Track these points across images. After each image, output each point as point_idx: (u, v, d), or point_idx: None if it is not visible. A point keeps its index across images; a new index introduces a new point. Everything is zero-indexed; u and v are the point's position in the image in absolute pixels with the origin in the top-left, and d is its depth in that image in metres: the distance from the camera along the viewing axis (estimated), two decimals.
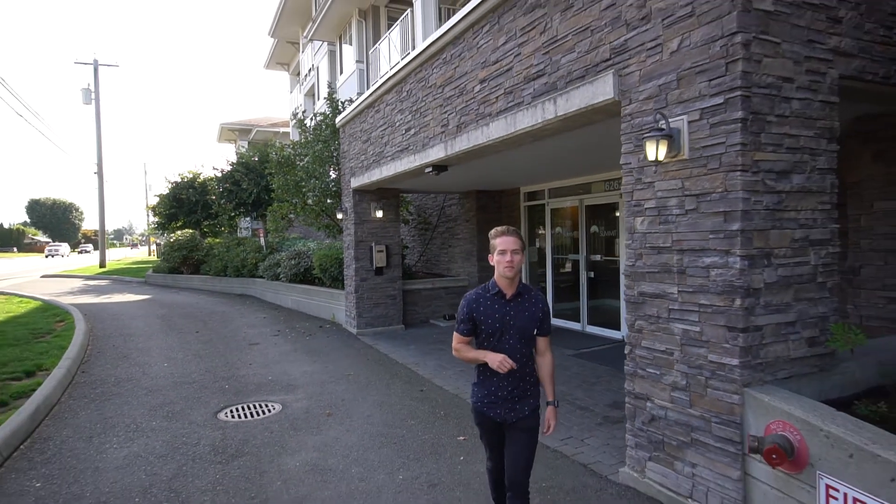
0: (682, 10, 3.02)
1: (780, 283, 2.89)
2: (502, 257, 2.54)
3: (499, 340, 2.58)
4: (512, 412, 2.62)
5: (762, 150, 2.82)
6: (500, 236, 2.59)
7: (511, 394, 2.62)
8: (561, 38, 3.99)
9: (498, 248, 2.56)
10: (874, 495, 2.18)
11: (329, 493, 3.54)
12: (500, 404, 2.62)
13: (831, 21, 3.05)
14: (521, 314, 2.59)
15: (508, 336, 2.58)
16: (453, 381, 6.12)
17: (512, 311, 2.59)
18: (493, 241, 2.62)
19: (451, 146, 5.63)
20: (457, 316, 2.71)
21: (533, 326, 2.62)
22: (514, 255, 2.53)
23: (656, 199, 3.23)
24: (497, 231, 2.63)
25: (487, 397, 2.64)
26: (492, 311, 2.58)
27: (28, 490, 3.62)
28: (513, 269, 2.53)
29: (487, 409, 2.65)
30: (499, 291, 2.60)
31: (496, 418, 2.64)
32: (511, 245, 2.54)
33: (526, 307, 2.61)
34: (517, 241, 2.58)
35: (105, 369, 6.90)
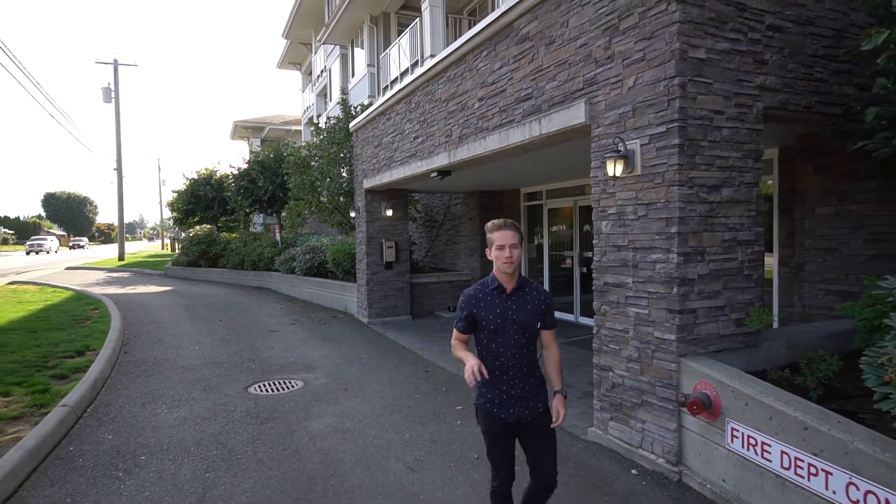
0: (636, 53, 3.75)
1: (711, 275, 3.62)
2: (500, 252, 2.44)
3: (501, 336, 2.48)
4: (527, 410, 2.51)
5: (696, 169, 3.54)
6: (497, 230, 2.48)
7: (524, 391, 2.50)
8: (545, 67, 4.72)
9: (496, 243, 2.46)
10: (759, 430, 2.92)
11: (348, 447, 4.31)
12: (513, 403, 2.49)
13: (758, 63, 3.76)
14: (522, 308, 2.49)
15: (511, 331, 2.48)
16: (455, 363, 6.86)
17: (513, 305, 2.49)
18: (490, 236, 2.51)
19: (454, 155, 6.38)
20: (457, 312, 2.60)
21: (536, 320, 2.52)
22: (512, 249, 2.43)
23: (616, 207, 3.96)
24: (494, 224, 2.52)
25: (498, 397, 2.50)
26: (492, 306, 2.48)
27: (103, 440, 4.43)
28: (512, 264, 2.44)
29: (499, 409, 2.50)
30: (498, 286, 2.51)
31: (509, 419, 2.50)
32: (509, 239, 2.44)
33: (527, 300, 2.52)
34: (515, 234, 2.47)
35: (144, 351, 7.73)
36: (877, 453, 2.37)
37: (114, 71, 28.61)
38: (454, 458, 4.03)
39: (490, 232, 2.50)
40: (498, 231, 2.47)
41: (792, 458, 2.74)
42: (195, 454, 4.16)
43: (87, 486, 3.60)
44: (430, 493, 3.50)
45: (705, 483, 3.33)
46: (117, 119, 28.80)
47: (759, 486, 2.96)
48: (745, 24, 3.71)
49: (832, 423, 2.63)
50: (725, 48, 3.63)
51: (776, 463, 2.82)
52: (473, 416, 2.96)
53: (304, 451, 4.23)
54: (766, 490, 2.91)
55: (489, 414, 2.53)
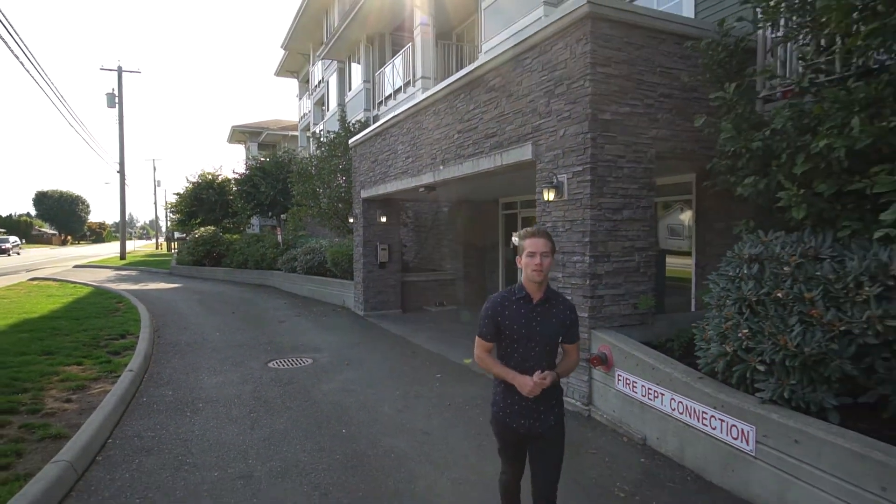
0: (566, 112, 5.22)
1: (614, 272, 5.10)
2: (531, 259, 2.38)
3: (524, 348, 2.43)
4: (538, 422, 2.49)
5: (604, 197, 5.02)
6: (529, 237, 2.42)
7: (537, 402, 2.47)
8: (506, 113, 6.19)
9: (527, 250, 2.40)
10: (631, 374, 4.40)
11: (352, 399, 5.72)
12: (526, 414, 2.48)
13: (652, 120, 5.26)
14: (548, 321, 2.44)
15: (534, 343, 2.43)
16: (437, 346, 8.30)
17: (539, 316, 2.44)
18: (521, 243, 2.45)
19: (438, 175, 7.83)
20: (480, 319, 2.54)
21: (559, 334, 2.49)
22: (543, 258, 2.37)
23: (552, 222, 5.43)
24: (527, 232, 2.46)
25: (511, 406, 2.49)
26: (517, 315, 2.43)
27: (166, 394, 5.82)
28: (541, 272, 2.38)
29: (511, 419, 2.50)
30: (525, 295, 2.45)
31: (520, 430, 2.50)
32: (541, 247, 2.37)
33: (554, 314, 2.46)
34: (547, 242, 2.40)
35: (174, 335, 9.10)
36: (684, 378, 3.86)
37: (118, 77, 29.80)
38: (432, 406, 5.47)
39: (522, 239, 2.45)
40: (530, 238, 2.41)
41: (647, 388, 4.22)
42: (239, 403, 5.57)
43: (168, 419, 5.01)
44: (412, 424, 4.93)
45: (603, 415, 4.81)
46: (121, 124, 29.98)
47: (631, 411, 4.44)
48: (642, 94, 5.20)
49: (667, 364, 4.11)
50: (626, 111, 5.12)
51: (640, 393, 4.30)
52: (450, 380, 3.95)
53: (320, 401, 5.65)
54: (635, 412, 4.39)
55: (501, 423, 2.54)
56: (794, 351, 3.18)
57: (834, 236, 3.58)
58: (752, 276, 3.72)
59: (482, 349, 2.54)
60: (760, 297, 3.57)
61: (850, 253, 3.36)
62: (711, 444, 3.64)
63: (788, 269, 3.52)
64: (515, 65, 5.98)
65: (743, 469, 3.41)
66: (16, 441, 4.10)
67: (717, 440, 3.58)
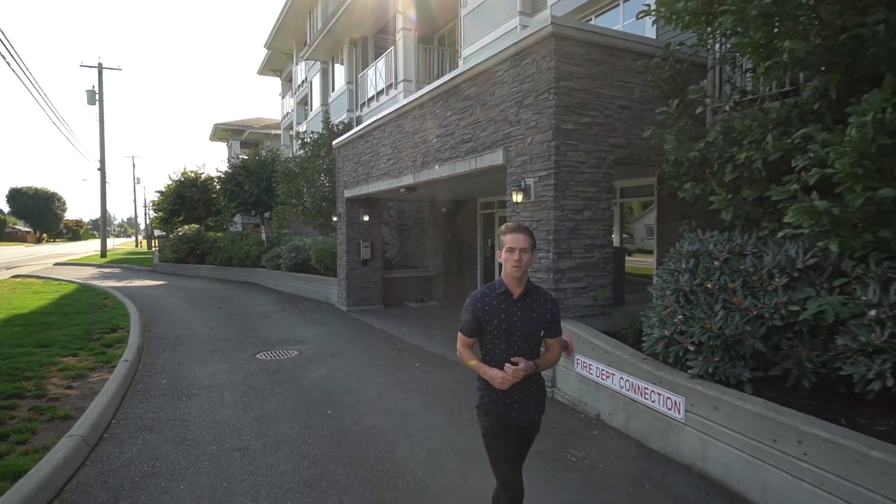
0: (532, 121, 5.74)
1: (576, 267, 5.63)
2: (510, 255, 2.41)
3: (506, 342, 2.45)
4: (526, 416, 2.55)
5: (566, 199, 5.55)
6: (509, 233, 2.45)
7: (526, 395, 2.52)
8: (480, 121, 6.69)
9: (506, 246, 2.43)
10: (588, 357, 4.94)
11: (337, 386, 6.17)
12: (517, 408, 2.51)
13: (611, 129, 5.80)
14: (528, 315, 2.47)
15: (515, 337, 2.45)
16: (417, 339, 8.78)
17: (519, 311, 2.46)
18: (501, 238, 2.47)
19: (417, 176, 8.31)
20: (461, 314, 2.58)
21: (540, 328, 2.51)
22: (522, 253, 2.40)
23: (521, 221, 5.94)
24: (507, 227, 2.48)
25: (502, 399, 2.51)
26: (498, 311, 2.46)
27: (161, 382, 6.21)
28: (520, 268, 2.41)
29: (504, 410, 2.51)
30: (505, 291, 2.48)
31: (511, 422, 2.53)
32: (520, 243, 2.41)
33: (534, 308, 2.49)
34: (527, 238, 2.44)
35: (163, 329, 9.43)
36: (631, 359, 4.41)
37: (98, 74, 29.65)
38: (410, 390, 5.95)
39: (502, 234, 2.47)
40: (510, 234, 2.44)
41: (601, 370, 4.76)
42: (231, 389, 5.98)
43: (165, 403, 5.41)
44: (392, 406, 5.40)
45: (565, 395, 5.35)
46: (101, 121, 29.83)
47: (588, 391, 4.98)
48: (602, 106, 5.74)
49: (618, 348, 4.66)
50: (587, 121, 5.66)
51: (595, 374, 4.84)
52: (428, 369, 4.27)
53: (307, 388, 6.09)
54: (591, 392, 4.94)
55: (492, 412, 2.52)
56: (717, 333, 3.73)
57: (757, 235, 4.15)
58: (688, 269, 4.27)
59: (462, 344, 2.58)
60: (694, 287, 4.12)
61: (767, 249, 3.93)
62: (651, 416, 4.19)
63: (718, 264, 4.09)
64: (489, 76, 6.48)
65: (675, 434, 3.96)
66: (28, 421, 4.48)
67: (656, 411, 4.12)
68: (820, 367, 3.42)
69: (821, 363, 3.42)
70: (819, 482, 2.91)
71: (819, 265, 3.62)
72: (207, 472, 3.82)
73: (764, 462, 3.25)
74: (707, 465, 3.69)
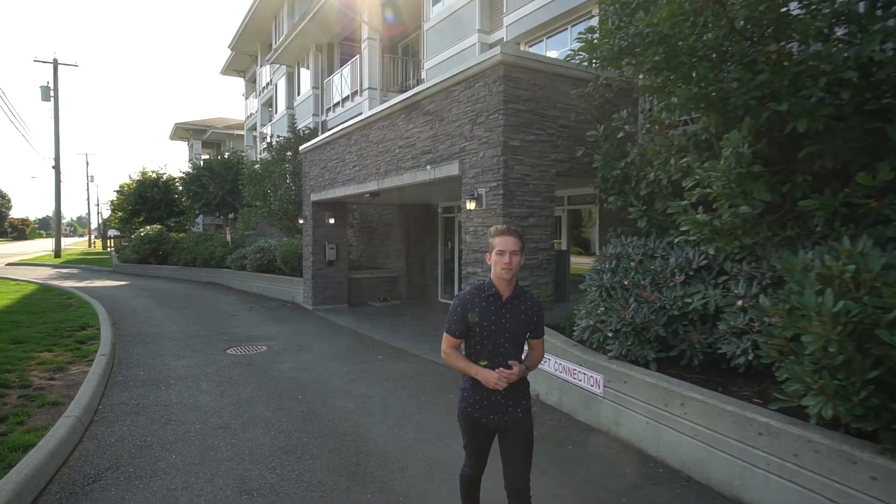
0: (485, 138, 6.46)
1: (522, 268, 6.33)
2: (500, 258, 2.43)
3: (493, 343, 2.47)
4: (506, 416, 2.55)
5: (513, 207, 6.29)
6: (499, 235, 2.47)
7: (506, 397, 2.53)
8: (440, 135, 7.38)
9: (496, 248, 2.45)
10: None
11: (306, 376, 6.73)
12: (494, 409, 2.53)
13: (553, 146, 6.58)
14: (516, 317, 2.50)
15: (502, 339, 2.48)
16: (380, 335, 9.39)
17: (508, 313, 2.49)
18: (492, 240, 2.49)
19: (381, 183, 8.93)
20: (448, 316, 2.56)
21: (526, 330, 2.55)
22: (512, 256, 2.43)
23: (473, 227, 6.66)
24: (497, 230, 2.50)
25: (480, 402, 2.54)
26: (487, 312, 2.47)
27: (139, 374, 6.63)
28: (510, 270, 2.43)
29: (480, 414, 2.55)
30: (495, 293, 2.50)
31: (489, 424, 2.55)
32: (511, 246, 2.43)
33: (521, 310, 2.53)
34: (517, 241, 2.46)
35: (133, 327, 9.73)
36: (563, 346, 5.17)
37: (53, 70, 28.97)
38: (374, 379, 6.57)
39: (492, 237, 2.49)
40: (500, 236, 2.46)
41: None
42: (206, 380, 6.47)
43: (147, 391, 5.87)
44: (357, 391, 6.02)
45: None
46: (56, 118, 29.14)
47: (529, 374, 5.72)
48: (545, 125, 6.52)
49: (554, 336, 5.42)
50: (532, 139, 6.42)
51: None
52: (390, 360, 4.85)
53: (278, 377, 6.63)
54: (531, 375, 5.66)
55: (470, 418, 2.57)
56: (629, 321, 4.51)
57: (666, 241, 4.97)
58: (610, 269, 5.06)
59: (449, 345, 2.57)
60: (614, 284, 4.91)
61: (672, 252, 4.75)
62: (578, 392, 4.95)
63: (633, 264, 4.89)
64: (446, 95, 7.17)
65: (596, 406, 4.73)
66: (21, 406, 4.89)
67: (582, 389, 4.89)
68: (706, 348, 4.24)
69: (707, 344, 4.24)
70: (694, 434, 3.71)
71: (709, 265, 4.46)
72: (195, 445, 4.36)
73: (659, 423, 4.03)
74: (619, 430, 4.47)
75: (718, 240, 3.88)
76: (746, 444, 3.34)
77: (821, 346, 2.77)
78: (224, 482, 3.70)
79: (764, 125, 3.64)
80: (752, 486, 3.31)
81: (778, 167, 4.05)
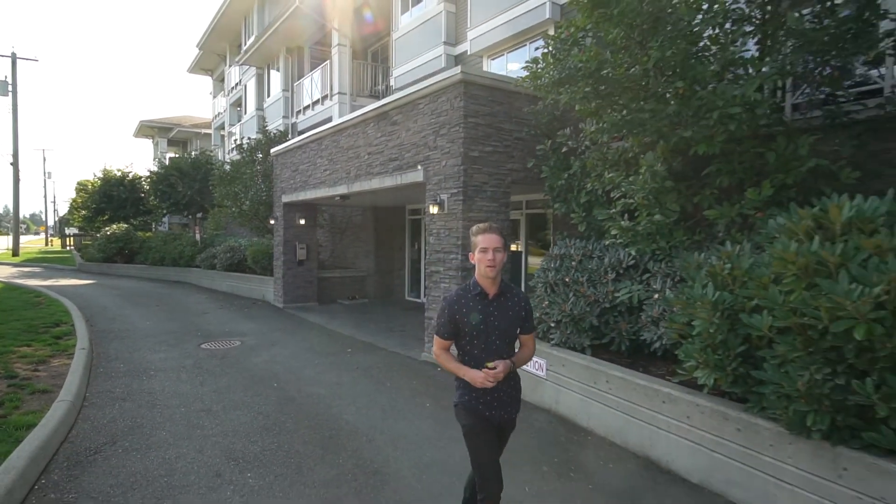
0: (446, 148, 7.08)
1: None
2: (483, 255, 2.45)
3: (484, 342, 2.49)
4: (506, 413, 2.59)
5: (472, 212, 6.93)
6: (481, 233, 2.48)
7: (505, 393, 2.57)
8: (405, 143, 7.97)
9: (479, 246, 2.47)
10: None
11: (280, 367, 7.21)
12: (497, 405, 2.55)
13: (509, 156, 7.26)
14: (504, 314, 2.51)
15: (493, 337, 2.49)
16: (349, 330, 9.90)
17: (495, 311, 2.50)
18: (474, 239, 2.50)
19: (351, 187, 9.47)
20: (436, 318, 2.59)
21: (516, 326, 2.56)
22: (496, 252, 2.43)
23: (437, 229, 7.28)
24: (479, 228, 2.51)
25: (483, 397, 2.54)
26: (474, 311, 2.48)
27: (119, 366, 7.00)
28: (494, 267, 2.44)
29: (485, 407, 2.55)
30: (481, 291, 2.51)
31: (494, 420, 2.56)
32: (493, 243, 2.44)
33: (509, 307, 2.53)
34: (499, 238, 2.47)
35: (106, 324, 9.99)
36: None
37: (12, 64, 28.31)
38: (344, 369, 7.12)
39: (475, 235, 2.51)
40: (482, 234, 2.47)
41: None
42: (185, 370, 6.89)
43: (130, 381, 6.27)
44: (328, 380, 6.55)
45: None
46: (14, 113, 28.47)
47: None
48: (502, 138, 7.19)
49: None
50: (490, 150, 7.08)
51: None
52: (358, 353, 5.45)
53: (253, 369, 7.10)
54: None
55: (473, 410, 2.55)
56: (569, 314, 5.20)
57: (603, 243, 5.69)
58: (555, 268, 5.75)
59: (439, 346, 2.59)
60: (556, 281, 5.60)
61: (607, 253, 5.46)
62: (526, 376, 5.62)
63: (574, 263, 5.59)
64: (413, 107, 7.77)
65: (540, 388, 5.41)
66: (13, 393, 5.26)
67: (530, 373, 5.56)
68: (632, 336, 4.97)
69: (632, 332, 4.96)
70: (616, 405, 4.42)
71: (637, 265, 5.19)
72: (182, 424, 4.84)
73: (590, 399, 4.74)
74: (559, 408, 5.16)
75: (639, 243, 4.61)
76: (654, 411, 4.05)
77: (705, 329, 3.50)
78: (212, 452, 4.21)
79: (674, 148, 4.37)
80: (658, 444, 4.03)
81: (691, 182, 4.80)
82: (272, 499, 3.52)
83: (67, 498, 3.43)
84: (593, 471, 4.02)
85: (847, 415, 2.82)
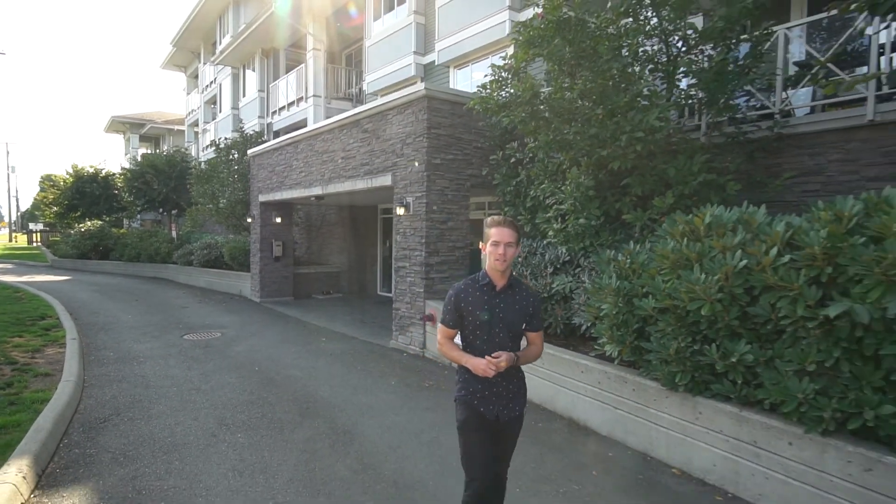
0: (412, 156, 7.87)
1: (442, 262, 7.84)
2: (495, 248, 2.43)
3: (487, 334, 2.47)
4: (506, 410, 2.54)
5: (435, 213, 7.74)
6: (495, 226, 2.46)
7: (507, 389, 2.54)
8: (376, 150, 8.73)
9: (491, 239, 2.45)
10: None
11: (260, 355, 7.91)
12: (495, 401, 2.52)
13: (468, 163, 8.08)
14: (510, 307, 2.50)
15: (497, 329, 2.47)
16: (323, 322, 10.62)
17: (502, 303, 2.49)
18: (487, 231, 2.48)
19: (325, 189, 10.18)
20: (443, 307, 2.58)
21: (522, 321, 2.53)
22: (507, 247, 2.43)
23: (403, 228, 8.07)
24: (493, 220, 2.49)
25: (481, 392, 2.51)
26: (480, 302, 2.48)
27: (109, 354, 7.60)
28: (504, 262, 2.44)
29: (480, 403, 2.51)
30: (489, 283, 2.50)
31: (488, 415, 2.52)
32: (506, 237, 2.43)
33: (516, 300, 2.52)
34: (513, 233, 2.45)
35: (89, 318, 10.49)
36: None
37: None
38: (319, 355, 7.86)
39: (488, 227, 2.49)
40: (496, 227, 2.46)
41: None
42: (173, 357, 7.54)
43: (122, 367, 6.91)
44: (304, 364, 7.29)
45: (431, 354, 7.54)
46: None
47: None
48: (462, 147, 8.01)
49: None
50: (451, 158, 7.89)
51: None
52: (332, 342, 6.25)
53: (235, 356, 7.79)
54: None
55: (469, 406, 2.53)
56: None
57: (544, 242, 6.56)
58: None
59: (444, 336, 2.59)
60: None
61: (548, 251, 6.34)
62: None
63: (521, 259, 6.45)
64: (382, 117, 8.54)
65: None
66: (18, 376, 5.86)
67: None
68: (566, 321, 5.85)
69: (566, 318, 5.85)
70: (548, 378, 5.31)
71: (571, 260, 6.07)
72: (176, 399, 5.55)
73: (530, 374, 5.59)
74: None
75: (570, 242, 5.48)
76: (575, 380, 4.94)
77: (611, 311, 4.38)
78: (206, 420, 4.94)
79: (596, 163, 5.26)
80: (579, 407, 4.91)
81: (615, 190, 5.71)
82: (261, 451, 4.27)
83: (90, 451, 4.13)
84: (527, 431, 4.88)
85: (702, 372, 3.73)
